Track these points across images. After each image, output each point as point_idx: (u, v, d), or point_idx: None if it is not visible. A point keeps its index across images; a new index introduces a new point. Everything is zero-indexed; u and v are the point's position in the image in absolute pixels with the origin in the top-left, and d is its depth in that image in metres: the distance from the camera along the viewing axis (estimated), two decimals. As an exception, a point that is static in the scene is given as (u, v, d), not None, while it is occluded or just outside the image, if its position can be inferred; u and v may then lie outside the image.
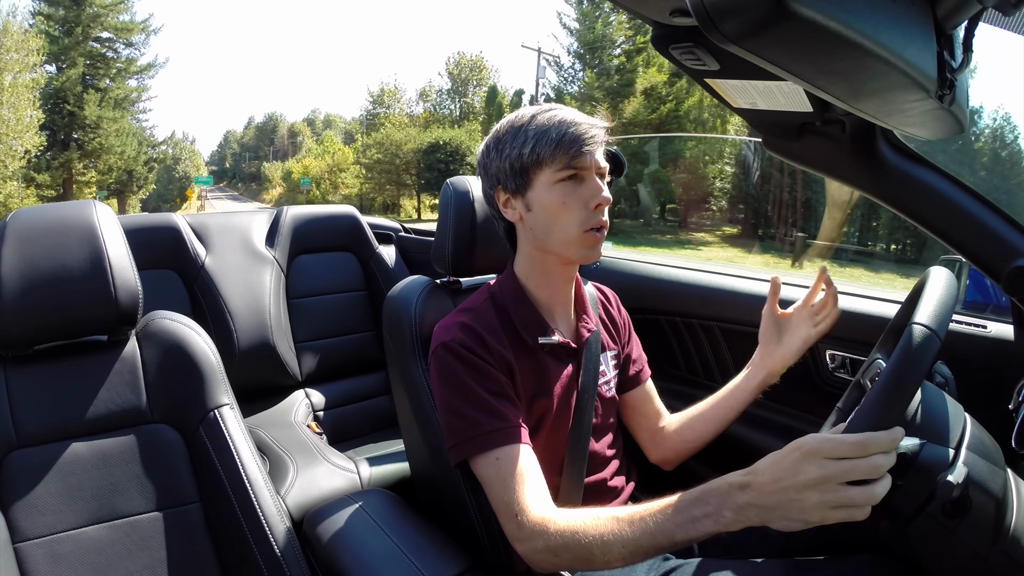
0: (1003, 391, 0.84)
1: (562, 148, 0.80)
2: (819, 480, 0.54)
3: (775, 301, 0.98)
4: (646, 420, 1.04)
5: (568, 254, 0.85)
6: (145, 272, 0.91)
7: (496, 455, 0.77)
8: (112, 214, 0.89)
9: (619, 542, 0.65)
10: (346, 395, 1.85)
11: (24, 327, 0.80)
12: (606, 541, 0.65)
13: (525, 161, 0.82)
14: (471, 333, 0.83)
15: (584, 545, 0.67)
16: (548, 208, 0.82)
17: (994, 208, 0.79)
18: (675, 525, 0.62)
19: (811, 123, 0.80)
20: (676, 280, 1.46)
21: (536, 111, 0.84)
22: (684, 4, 0.48)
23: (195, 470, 0.86)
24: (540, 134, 0.81)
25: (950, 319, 0.63)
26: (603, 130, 0.83)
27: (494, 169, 0.86)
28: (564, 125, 0.81)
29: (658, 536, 0.63)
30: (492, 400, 0.79)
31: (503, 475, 0.76)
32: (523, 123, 0.83)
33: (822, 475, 0.54)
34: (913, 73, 0.46)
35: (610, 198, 0.83)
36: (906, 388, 0.57)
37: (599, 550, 0.66)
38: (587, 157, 0.81)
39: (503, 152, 0.84)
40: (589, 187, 0.82)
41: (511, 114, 0.87)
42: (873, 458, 0.53)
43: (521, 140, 0.82)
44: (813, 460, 0.55)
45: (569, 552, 0.68)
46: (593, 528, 0.67)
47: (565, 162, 0.81)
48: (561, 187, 0.82)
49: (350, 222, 1.98)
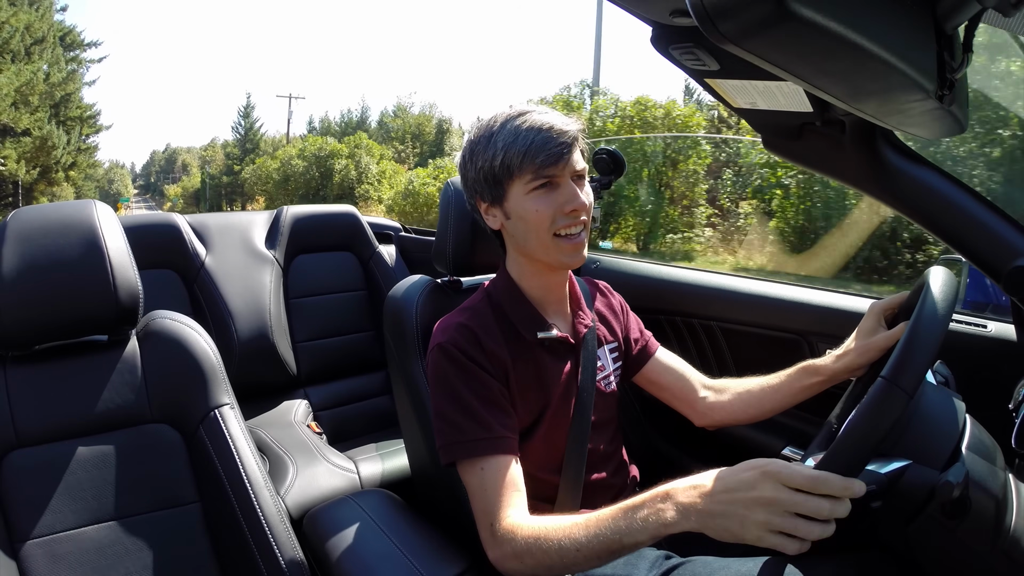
0: (1003, 391, 0.84)
1: (530, 158, 0.78)
2: (770, 501, 0.56)
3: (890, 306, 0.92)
4: (675, 390, 1.02)
5: (549, 260, 0.84)
6: (145, 272, 0.91)
7: (480, 464, 0.78)
8: (112, 214, 0.89)
9: (574, 546, 0.66)
10: (346, 395, 1.85)
11: (24, 327, 0.80)
12: (563, 546, 0.67)
13: (497, 173, 0.81)
14: (467, 334, 0.83)
15: (544, 550, 0.68)
16: (524, 217, 0.82)
17: (994, 208, 0.79)
18: (624, 527, 0.63)
19: (811, 123, 0.80)
20: (676, 280, 1.46)
21: (507, 115, 0.82)
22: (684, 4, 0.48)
23: (195, 470, 0.86)
24: (508, 144, 0.80)
25: (933, 353, 0.62)
26: (577, 130, 0.81)
27: (471, 180, 0.86)
28: (532, 132, 0.79)
29: (609, 539, 0.64)
30: (481, 408, 0.80)
31: (483, 484, 0.77)
32: (493, 131, 0.82)
33: (775, 498, 0.55)
34: (913, 73, 0.46)
35: (587, 202, 0.82)
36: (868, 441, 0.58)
37: (557, 554, 0.67)
38: (558, 163, 0.79)
39: (476, 163, 0.83)
40: (563, 193, 0.81)
41: (485, 118, 0.86)
42: (820, 500, 0.55)
43: (492, 151, 0.81)
44: (770, 481, 0.56)
45: (532, 557, 0.70)
46: (554, 533, 0.69)
47: (535, 172, 0.79)
48: (535, 196, 0.81)
49: (350, 221, 1.98)
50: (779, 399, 0.95)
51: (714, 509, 0.58)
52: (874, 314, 0.90)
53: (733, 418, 0.99)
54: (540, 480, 0.86)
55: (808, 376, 0.92)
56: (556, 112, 0.83)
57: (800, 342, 1.24)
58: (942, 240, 0.82)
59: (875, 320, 0.89)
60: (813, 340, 1.22)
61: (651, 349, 1.05)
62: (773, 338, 1.29)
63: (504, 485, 0.76)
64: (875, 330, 0.88)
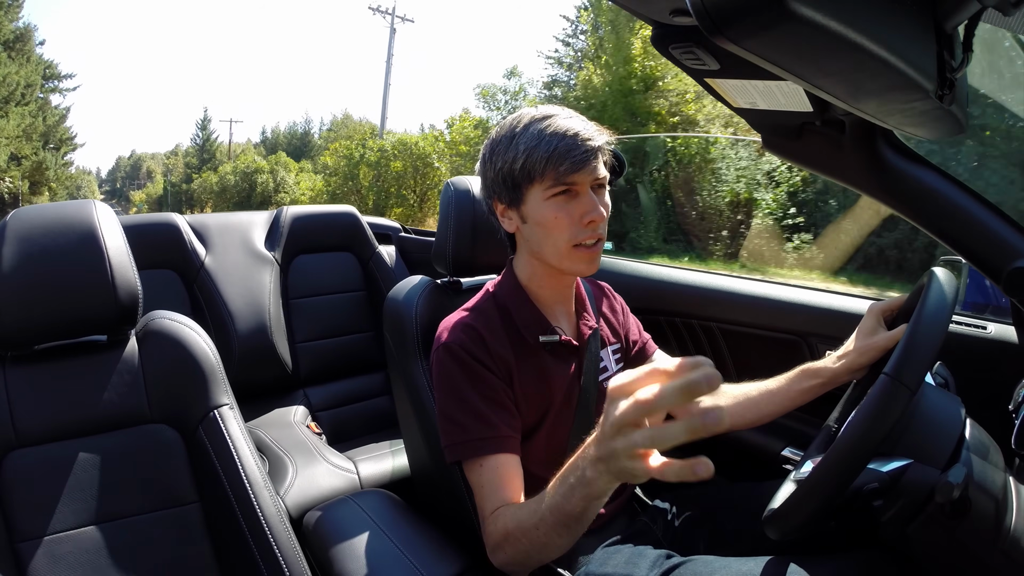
0: (1003, 392, 0.84)
1: (552, 164, 0.77)
2: (618, 424, 0.50)
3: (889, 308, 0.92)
4: None
5: (563, 268, 0.84)
6: (145, 272, 0.91)
7: (481, 462, 0.78)
8: (112, 213, 0.89)
9: (532, 519, 0.67)
10: (345, 395, 1.85)
11: (24, 327, 0.80)
12: (528, 525, 0.68)
13: (516, 176, 0.80)
14: (472, 333, 0.83)
15: (518, 535, 0.69)
16: (540, 223, 0.81)
17: (994, 208, 0.79)
18: (564, 492, 0.62)
19: (811, 123, 0.80)
20: (676, 281, 1.46)
21: (531, 117, 0.81)
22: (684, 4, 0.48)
23: (194, 470, 0.86)
24: (530, 149, 0.78)
25: (935, 349, 0.62)
26: (602, 139, 0.80)
27: (489, 180, 0.85)
28: (555, 138, 0.77)
29: (557, 508, 0.63)
30: (485, 407, 0.80)
31: (483, 482, 0.77)
32: (516, 132, 0.81)
33: (618, 416, 0.50)
34: (913, 73, 0.46)
35: (604, 214, 0.81)
36: (870, 437, 0.58)
37: (522, 533, 0.68)
38: (581, 171, 0.78)
39: (496, 164, 0.83)
40: (582, 203, 0.80)
41: (511, 116, 0.85)
42: (654, 394, 0.48)
43: (512, 154, 0.80)
44: (612, 404, 0.51)
45: (511, 544, 0.70)
46: (522, 513, 0.69)
47: (556, 179, 0.78)
48: (553, 203, 0.80)
49: (350, 222, 1.98)
50: (778, 403, 0.94)
51: (602, 453, 0.54)
52: (873, 315, 0.90)
53: (730, 423, 0.98)
54: (543, 479, 0.86)
55: (807, 379, 0.92)
56: (582, 118, 0.82)
57: (800, 343, 1.24)
58: (942, 241, 0.82)
59: (875, 320, 0.89)
60: (813, 341, 1.22)
61: (649, 351, 1.05)
62: (773, 339, 1.29)
63: (501, 482, 0.77)
64: (875, 331, 0.88)
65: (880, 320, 0.89)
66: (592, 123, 0.82)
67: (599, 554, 0.87)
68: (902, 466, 0.61)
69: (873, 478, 0.62)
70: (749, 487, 0.98)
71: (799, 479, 0.72)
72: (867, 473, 0.62)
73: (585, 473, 0.57)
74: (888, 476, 0.61)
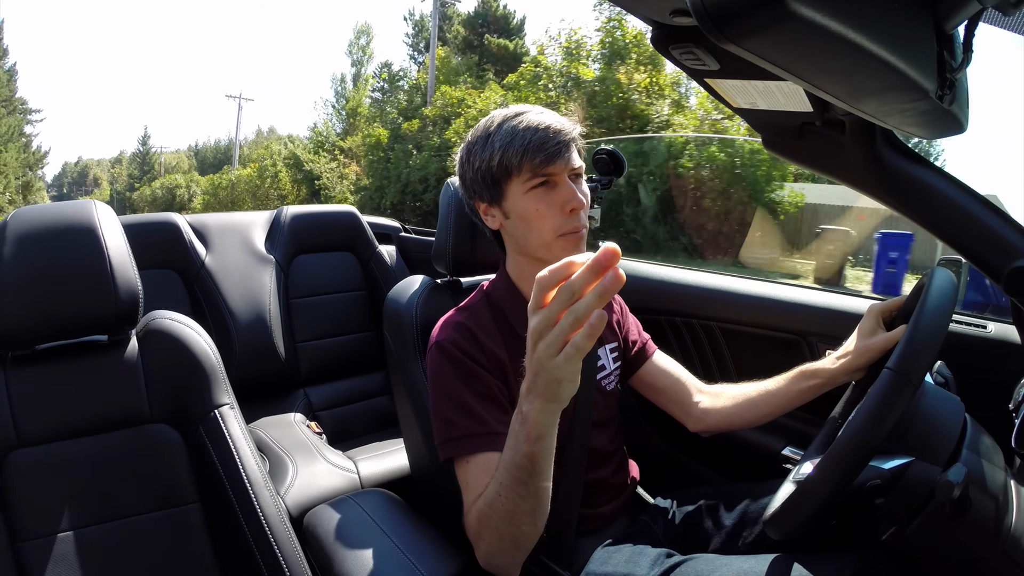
0: (1003, 391, 0.84)
1: (528, 156, 0.79)
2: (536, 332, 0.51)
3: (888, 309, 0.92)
4: (670, 394, 1.02)
5: (549, 259, 0.84)
6: (145, 272, 0.91)
7: (469, 459, 0.78)
8: (112, 213, 0.89)
9: (494, 489, 0.67)
10: (346, 395, 1.85)
11: (24, 327, 0.80)
12: (488, 497, 0.68)
13: (495, 173, 0.82)
14: (464, 331, 0.83)
15: (483, 509, 0.70)
16: (523, 217, 0.82)
17: (994, 208, 0.79)
18: (511, 448, 0.62)
19: (811, 123, 0.80)
20: (676, 280, 1.46)
21: (504, 116, 0.83)
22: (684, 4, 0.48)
23: (195, 470, 0.86)
24: (506, 144, 0.80)
25: (937, 345, 0.62)
26: (575, 131, 0.82)
27: (468, 180, 0.86)
28: (529, 132, 0.79)
29: (507, 465, 0.64)
30: (476, 404, 0.80)
31: (469, 479, 0.78)
32: (491, 131, 0.83)
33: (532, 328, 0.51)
34: (913, 73, 0.46)
35: (584, 201, 0.82)
36: (873, 433, 0.58)
37: (491, 508, 0.68)
38: (557, 162, 0.80)
39: (474, 164, 0.84)
40: (561, 192, 0.81)
41: (483, 119, 0.87)
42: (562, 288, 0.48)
43: (489, 151, 0.82)
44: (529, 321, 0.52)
45: (484, 527, 0.71)
46: (488, 490, 0.70)
47: (533, 171, 0.80)
48: (533, 195, 0.81)
49: (350, 221, 1.98)
50: (776, 403, 0.95)
51: (530, 376, 0.54)
52: (873, 315, 0.90)
53: (729, 423, 0.98)
54: None
55: (806, 379, 0.92)
56: (553, 112, 0.84)
57: (799, 342, 1.24)
58: (942, 240, 0.82)
59: (874, 321, 0.89)
60: (813, 340, 1.22)
61: (648, 352, 1.05)
62: (773, 339, 1.29)
63: (486, 479, 0.76)
64: (874, 331, 0.88)
65: (879, 321, 0.89)
66: (564, 117, 0.83)
67: (599, 553, 0.88)
68: (904, 463, 0.61)
69: (875, 475, 0.62)
70: (749, 487, 0.98)
71: (799, 479, 0.72)
72: (869, 470, 0.62)
73: (522, 410, 0.58)
74: (890, 473, 0.61)
